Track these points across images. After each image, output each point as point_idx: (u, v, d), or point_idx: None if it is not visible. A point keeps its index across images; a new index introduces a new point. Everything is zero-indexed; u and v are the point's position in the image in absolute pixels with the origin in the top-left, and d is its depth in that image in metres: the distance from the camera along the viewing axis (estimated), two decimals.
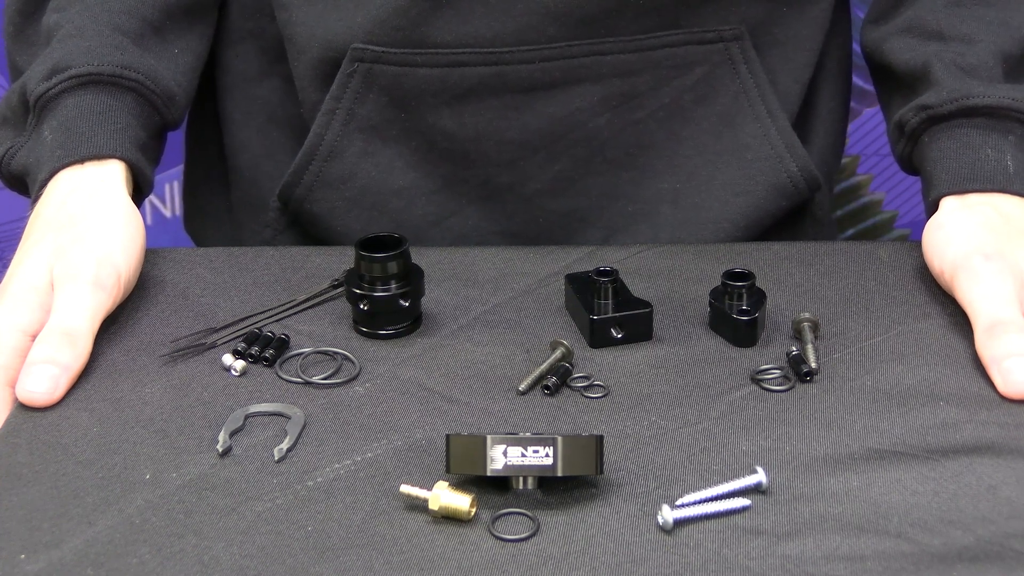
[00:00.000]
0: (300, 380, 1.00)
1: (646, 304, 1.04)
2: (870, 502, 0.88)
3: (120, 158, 1.10)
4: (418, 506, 0.87)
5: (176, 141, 1.26)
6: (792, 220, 1.24)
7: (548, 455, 0.86)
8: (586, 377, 1.00)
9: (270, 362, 1.01)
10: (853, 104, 1.32)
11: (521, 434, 0.87)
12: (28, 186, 1.12)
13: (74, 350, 0.98)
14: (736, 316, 1.03)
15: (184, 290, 1.10)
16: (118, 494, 0.89)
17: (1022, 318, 1.00)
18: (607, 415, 0.96)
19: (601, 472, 0.88)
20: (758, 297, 1.04)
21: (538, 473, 0.87)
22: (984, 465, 0.90)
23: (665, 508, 0.86)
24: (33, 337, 1.00)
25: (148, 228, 1.12)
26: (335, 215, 1.20)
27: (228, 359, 1.01)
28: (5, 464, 0.92)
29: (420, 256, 1.07)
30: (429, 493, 0.87)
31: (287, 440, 0.93)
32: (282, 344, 1.02)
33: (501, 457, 0.86)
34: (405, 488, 0.88)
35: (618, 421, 0.95)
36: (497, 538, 0.85)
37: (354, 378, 1.00)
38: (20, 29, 1.18)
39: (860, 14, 1.25)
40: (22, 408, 0.97)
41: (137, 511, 0.88)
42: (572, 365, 1.00)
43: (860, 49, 1.23)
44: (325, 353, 1.02)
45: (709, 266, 1.11)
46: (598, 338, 1.03)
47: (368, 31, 1.13)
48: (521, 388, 0.98)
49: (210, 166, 1.31)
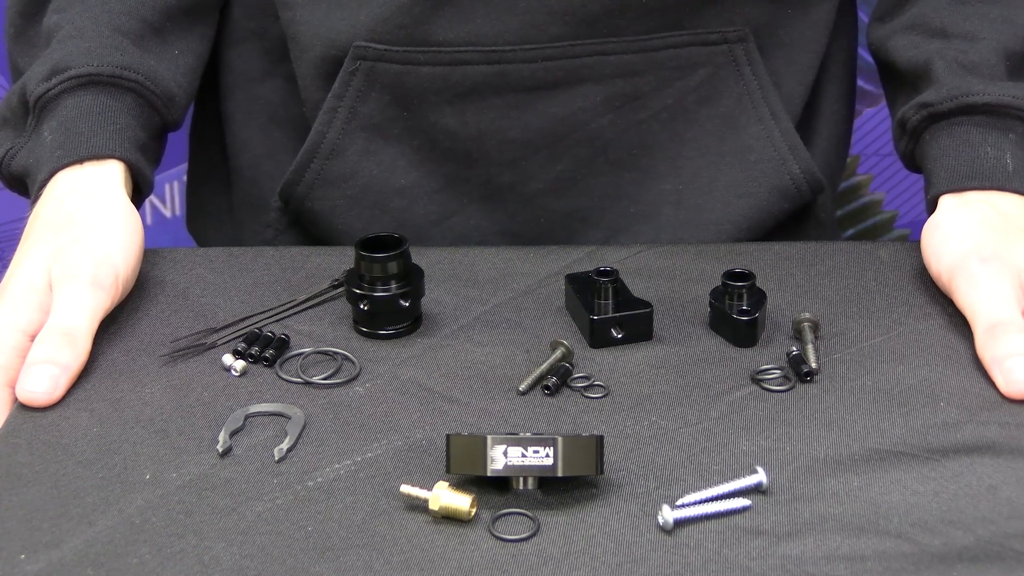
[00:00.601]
0: (300, 380, 1.00)
1: (646, 304, 1.04)
2: (870, 502, 0.87)
3: (119, 158, 1.10)
4: (418, 506, 0.87)
5: (177, 141, 1.26)
6: (795, 222, 1.23)
7: (548, 455, 0.86)
8: (586, 377, 0.99)
9: (270, 362, 1.01)
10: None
11: (521, 434, 0.87)
12: (28, 187, 1.12)
13: (74, 350, 0.98)
14: (736, 316, 1.03)
15: (184, 290, 1.10)
16: (118, 494, 0.89)
17: (1021, 318, 1.00)
18: (607, 415, 0.96)
19: (601, 472, 0.88)
20: (758, 297, 1.04)
21: (538, 473, 0.87)
22: (984, 465, 0.90)
23: (665, 508, 0.86)
24: (32, 337, 1.00)
25: (148, 228, 1.12)
26: (336, 214, 1.20)
27: (228, 359, 1.01)
28: (5, 464, 0.92)
29: (420, 256, 1.07)
30: (429, 493, 0.87)
31: (287, 440, 0.93)
32: (282, 344, 1.02)
33: (501, 457, 0.86)
34: (405, 488, 0.88)
35: (618, 421, 0.95)
36: (497, 538, 0.85)
37: (354, 378, 1.00)
38: (21, 30, 1.18)
39: (865, 17, 1.25)
40: (22, 408, 0.97)
41: (137, 511, 0.87)
42: (572, 365, 1.00)
43: (867, 46, 1.23)
44: (325, 353, 1.02)
45: (709, 266, 1.11)
46: (598, 338, 1.03)
47: (371, 29, 1.13)
48: (521, 388, 0.98)
49: (212, 166, 1.31)
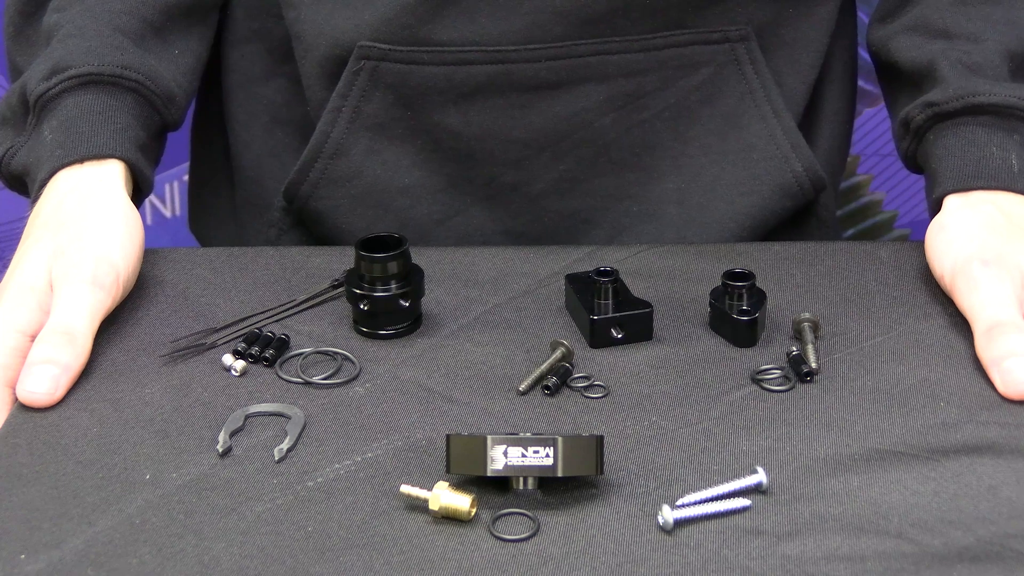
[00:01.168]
0: (300, 380, 0.99)
1: (646, 304, 1.04)
2: (870, 502, 0.87)
3: (119, 158, 1.10)
4: (418, 506, 0.87)
5: (177, 141, 1.25)
6: (797, 221, 1.23)
7: (548, 455, 0.86)
8: (586, 377, 0.99)
9: (270, 362, 1.01)
10: None
11: (521, 434, 0.87)
12: (28, 186, 1.12)
13: (74, 349, 0.98)
14: (736, 316, 1.03)
15: (184, 290, 1.10)
16: (118, 494, 0.89)
17: (1021, 320, 1.00)
18: (607, 415, 0.96)
19: (601, 472, 0.88)
20: (758, 297, 1.04)
21: (538, 473, 0.87)
22: (984, 465, 0.90)
23: (665, 508, 0.86)
24: (31, 337, 1.00)
25: (148, 228, 1.12)
26: (340, 213, 1.20)
27: (228, 359, 1.01)
28: (5, 464, 0.92)
29: (420, 256, 1.07)
30: (429, 493, 0.87)
31: (287, 440, 0.93)
32: (282, 344, 1.02)
33: (501, 457, 0.86)
34: (405, 488, 0.88)
35: (618, 421, 0.95)
36: (497, 538, 0.85)
37: (354, 378, 1.00)
38: (20, 29, 1.18)
39: (865, 17, 1.25)
40: (22, 408, 0.97)
41: (137, 511, 0.87)
42: (572, 365, 1.00)
43: (866, 47, 1.22)
44: (325, 353, 1.02)
45: (709, 266, 1.11)
46: (598, 338, 1.03)
47: (375, 29, 1.13)
48: (521, 388, 0.98)
49: (214, 166, 1.31)
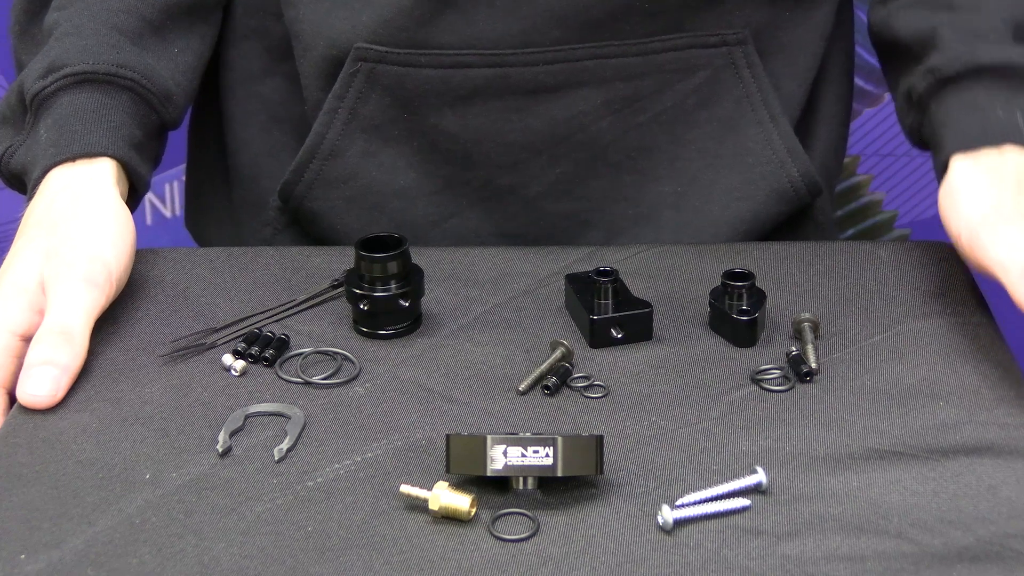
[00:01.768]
0: (300, 380, 1.00)
1: (646, 304, 1.04)
2: (870, 502, 0.88)
3: (111, 156, 1.09)
4: (418, 506, 0.87)
5: (176, 142, 1.25)
6: (793, 225, 1.23)
7: (548, 455, 0.86)
8: (586, 377, 1.00)
9: (270, 362, 1.01)
10: (853, 105, 1.32)
11: (521, 434, 0.87)
12: (26, 185, 1.12)
13: (72, 349, 0.98)
14: (736, 316, 1.03)
15: (184, 290, 1.10)
16: (118, 494, 0.89)
17: None
18: (607, 415, 0.96)
19: (601, 472, 0.88)
20: (758, 297, 1.04)
21: (538, 473, 0.87)
22: (984, 465, 0.90)
23: (665, 508, 0.86)
24: (24, 338, 1.00)
25: (148, 228, 1.12)
26: (335, 214, 1.20)
27: (228, 359, 1.01)
28: (5, 464, 0.92)
29: (420, 256, 1.07)
30: (429, 493, 0.87)
31: (287, 440, 0.93)
32: (282, 344, 1.02)
33: (501, 457, 0.86)
34: (405, 488, 0.88)
35: (618, 421, 0.95)
36: (497, 538, 0.85)
37: (354, 378, 1.00)
38: (25, 28, 1.18)
39: (863, 15, 1.25)
40: (22, 408, 0.97)
41: (137, 511, 0.88)
42: (572, 365, 1.00)
43: (868, 31, 1.22)
44: (325, 353, 1.02)
45: (709, 266, 1.12)
46: (598, 338, 1.03)
47: (372, 31, 1.13)
48: (521, 388, 0.98)
49: (211, 164, 1.31)
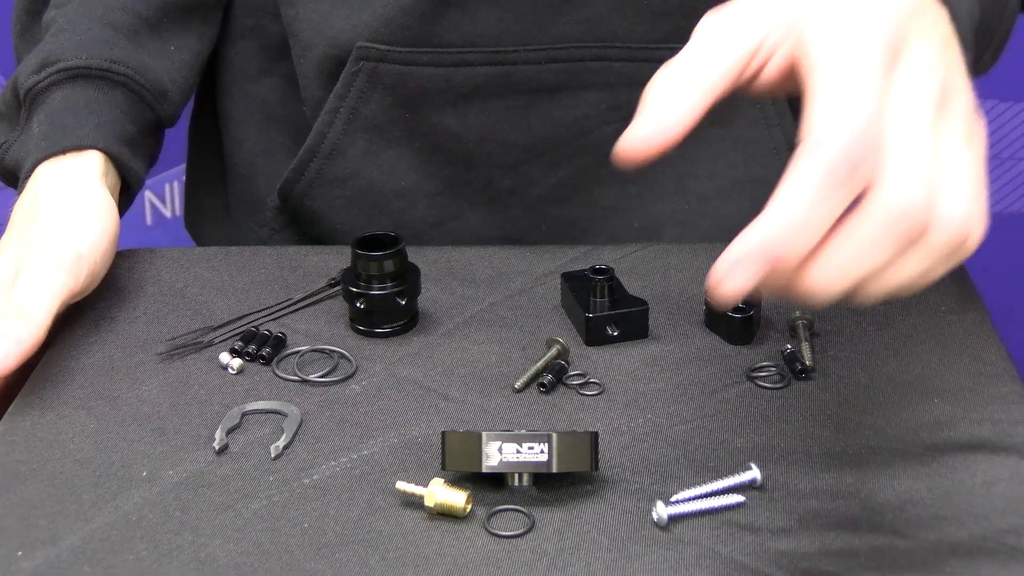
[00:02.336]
0: (297, 378, 1.00)
1: (642, 302, 1.04)
2: (864, 498, 0.88)
3: (101, 150, 1.09)
4: (414, 503, 0.87)
5: (176, 141, 1.26)
6: None
7: (543, 452, 0.86)
8: (582, 375, 1.00)
9: (267, 360, 1.01)
10: None
11: (516, 431, 0.87)
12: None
13: (27, 324, 0.97)
14: (732, 314, 1.03)
15: (182, 289, 1.10)
16: (115, 491, 0.89)
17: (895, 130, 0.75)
18: (602, 412, 0.96)
19: (596, 469, 0.88)
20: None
21: (533, 470, 0.87)
22: (978, 461, 0.91)
23: (660, 504, 0.86)
24: None
25: (148, 228, 1.12)
26: (335, 213, 1.20)
27: (225, 357, 1.01)
28: (3, 462, 0.92)
29: (417, 255, 1.07)
30: (425, 490, 0.87)
31: (283, 438, 0.93)
32: (279, 342, 1.03)
33: (496, 454, 0.87)
34: (401, 485, 0.88)
35: (613, 418, 0.95)
36: (492, 534, 0.85)
37: (350, 376, 1.00)
38: (26, 28, 1.18)
39: None
40: (20, 406, 0.97)
41: (134, 508, 0.88)
42: (568, 363, 1.00)
43: None
44: (322, 351, 1.03)
45: (705, 264, 1.11)
46: (594, 336, 1.03)
47: (374, 29, 1.13)
48: (517, 386, 0.99)
49: (209, 163, 1.31)
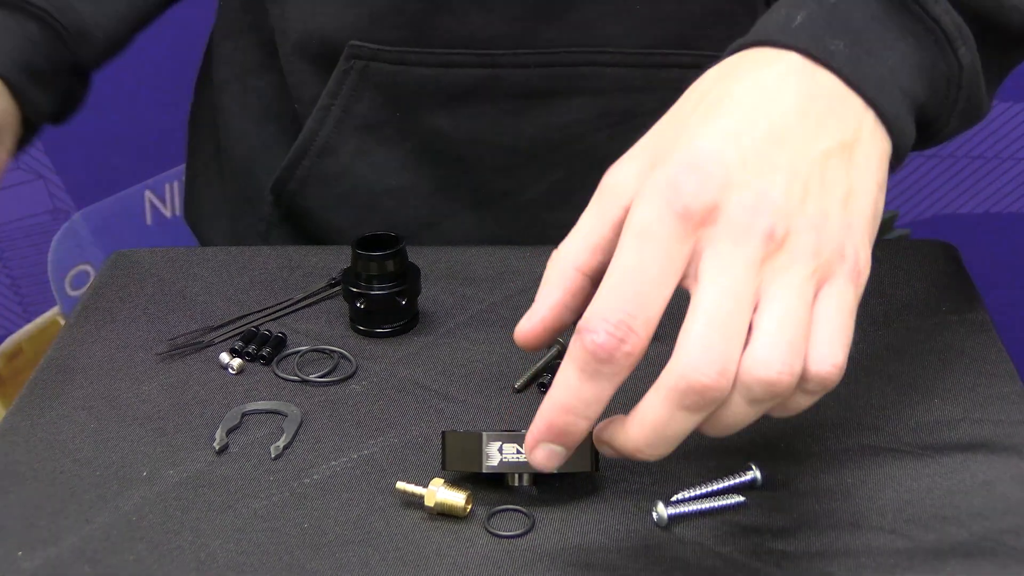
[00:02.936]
0: (297, 378, 1.00)
1: None
2: (865, 498, 0.88)
3: None
4: (414, 503, 0.88)
5: (176, 141, 1.26)
6: None
7: None
8: None
9: (267, 360, 1.01)
10: None
11: (517, 431, 0.87)
12: None
13: None
14: None
15: (182, 289, 1.10)
16: (115, 491, 0.89)
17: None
18: (602, 413, 0.96)
19: (597, 469, 0.88)
20: None
21: (533, 470, 0.86)
22: (979, 462, 0.91)
23: (660, 505, 0.86)
24: None
25: (148, 228, 1.12)
26: (327, 211, 1.20)
27: (225, 357, 1.01)
28: (3, 462, 0.92)
29: (417, 255, 1.07)
30: (425, 490, 0.87)
31: (284, 438, 0.93)
32: (279, 342, 1.03)
33: (496, 454, 0.87)
34: (401, 485, 0.88)
35: None
36: (492, 534, 0.85)
37: (351, 376, 1.00)
38: None
39: None
40: (20, 406, 0.97)
41: (134, 508, 0.88)
42: None
43: None
44: (322, 351, 1.03)
45: None
46: None
47: (365, 28, 1.13)
48: (517, 386, 0.99)
49: (208, 159, 1.31)
